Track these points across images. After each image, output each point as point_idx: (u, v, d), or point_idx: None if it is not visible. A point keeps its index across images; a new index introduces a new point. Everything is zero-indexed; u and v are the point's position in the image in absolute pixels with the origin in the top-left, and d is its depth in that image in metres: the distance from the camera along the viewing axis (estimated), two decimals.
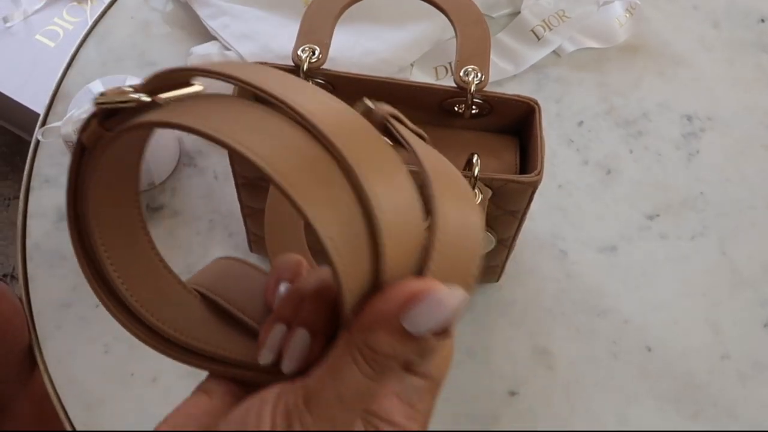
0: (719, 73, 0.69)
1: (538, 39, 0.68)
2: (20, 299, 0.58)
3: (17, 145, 1.32)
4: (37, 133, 0.62)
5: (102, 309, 0.28)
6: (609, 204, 0.62)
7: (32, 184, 0.62)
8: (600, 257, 0.59)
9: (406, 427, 0.24)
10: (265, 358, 0.26)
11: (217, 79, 0.23)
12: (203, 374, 0.28)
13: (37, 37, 1.11)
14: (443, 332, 0.22)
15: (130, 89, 0.23)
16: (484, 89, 0.46)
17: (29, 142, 0.64)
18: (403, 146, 0.25)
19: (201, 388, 0.27)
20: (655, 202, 0.62)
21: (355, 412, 0.23)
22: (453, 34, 0.48)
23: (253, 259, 0.57)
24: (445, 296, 0.21)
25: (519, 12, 0.69)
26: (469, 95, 0.46)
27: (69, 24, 1.12)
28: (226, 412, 0.25)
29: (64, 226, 0.60)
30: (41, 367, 0.54)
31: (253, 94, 0.22)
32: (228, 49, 0.63)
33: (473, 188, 0.43)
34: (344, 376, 0.22)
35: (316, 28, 0.47)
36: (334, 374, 0.22)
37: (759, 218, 0.61)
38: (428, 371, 0.25)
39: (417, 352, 0.22)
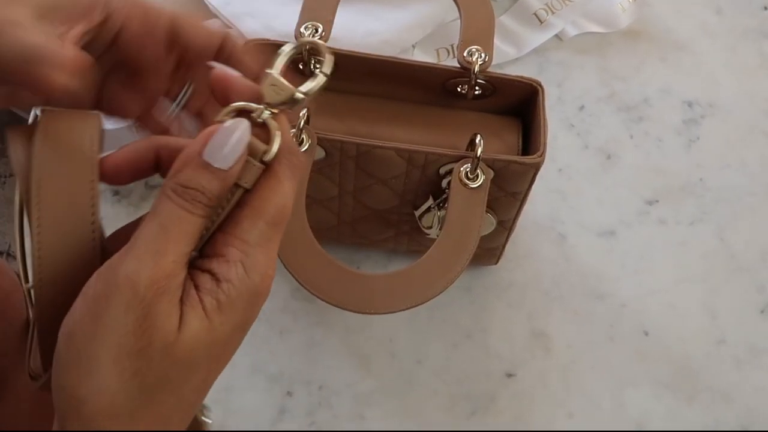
0: (721, 59, 0.69)
1: (541, 22, 0.68)
2: (18, 275, 0.58)
3: (12, 123, 1.31)
4: (35, 109, 0.62)
5: None
6: (608, 188, 0.62)
7: None
8: (599, 241, 0.59)
9: (229, 254, 0.26)
10: None
11: None
12: None
13: None
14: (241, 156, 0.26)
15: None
16: (488, 70, 0.46)
17: (26, 120, 0.63)
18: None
19: None
20: (654, 188, 0.62)
21: (180, 244, 0.25)
22: (455, 16, 0.48)
23: None
24: (230, 125, 0.26)
25: None
26: (472, 75, 0.45)
27: None
28: None
29: None
30: None
31: None
32: (229, 27, 0.62)
33: (476, 169, 0.43)
34: (161, 210, 0.25)
35: (319, 5, 0.47)
36: (153, 213, 0.25)
37: (758, 205, 0.62)
38: (256, 203, 0.27)
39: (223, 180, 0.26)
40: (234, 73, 0.28)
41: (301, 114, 0.43)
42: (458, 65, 0.46)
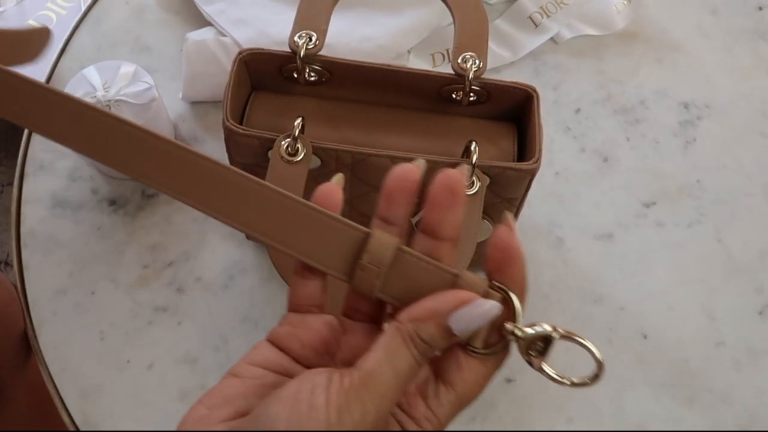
0: (717, 60, 0.69)
1: (536, 26, 0.68)
2: (15, 286, 0.58)
3: (11, 131, 1.31)
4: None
5: (97, 296, 0.27)
6: (606, 191, 0.62)
7: (26, 170, 0.62)
8: (596, 244, 0.59)
9: (422, 425, 0.27)
10: None
11: None
12: (199, 364, 0.28)
13: (31, 22, 1.10)
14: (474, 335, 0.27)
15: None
16: (482, 76, 0.46)
17: (23, 129, 0.63)
18: None
19: (231, 372, 0.28)
20: (651, 190, 0.62)
21: (401, 392, 0.26)
22: (451, 20, 0.48)
23: (249, 246, 0.57)
24: (486, 305, 0.27)
25: None
26: (467, 82, 0.45)
27: (62, 9, 1.11)
28: (260, 395, 0.26)
29: (59, 212, 0.59)
30: (36, 354, 0.54)
31: None
32: (223, 35, 0.62)
33: (471, 175, 0.43)
34: (400, 358, 0.26)
35: (313, 14, 0.47)
36: (391, 357, 0.26)
37: (755, 205, 0.62)
38: (455, 383, 0.28)
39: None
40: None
41: (296, 123, 0.43)
42: (453, 71, 0.46)
